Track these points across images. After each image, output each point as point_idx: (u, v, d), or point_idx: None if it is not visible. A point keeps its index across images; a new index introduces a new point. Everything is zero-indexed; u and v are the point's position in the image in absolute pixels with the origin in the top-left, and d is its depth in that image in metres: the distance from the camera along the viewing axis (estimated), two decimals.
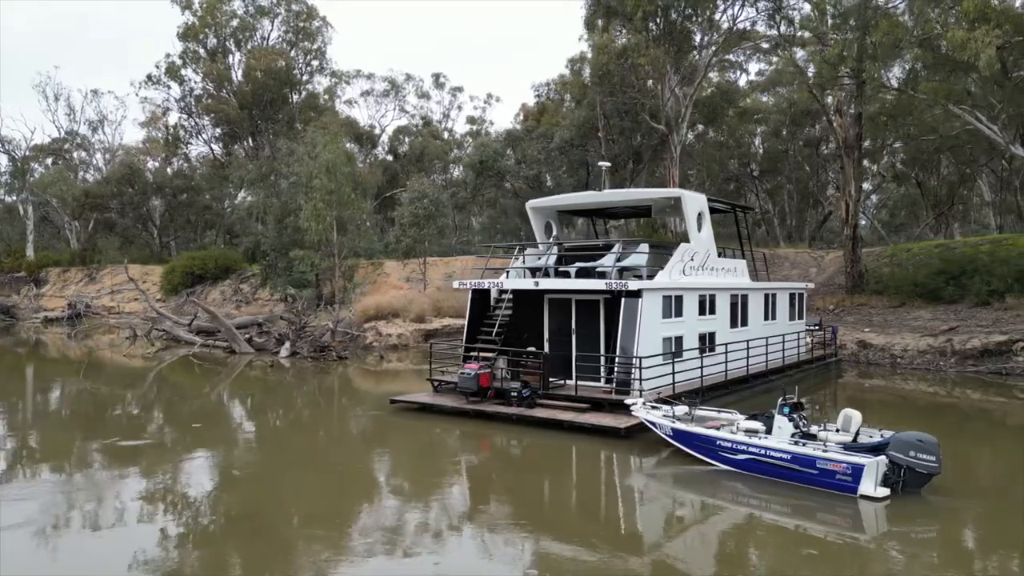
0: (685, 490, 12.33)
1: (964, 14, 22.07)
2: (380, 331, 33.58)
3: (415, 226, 37.47)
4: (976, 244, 35.40)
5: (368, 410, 19.44)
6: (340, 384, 25.58)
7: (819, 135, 52.37)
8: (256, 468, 14.15)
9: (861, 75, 28.15)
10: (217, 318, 33.14)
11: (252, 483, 13.07)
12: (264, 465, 14.39)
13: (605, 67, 32.72)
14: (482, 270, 20.67)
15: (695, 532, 10.54)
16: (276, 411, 20.48)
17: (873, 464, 10.83)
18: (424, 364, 30.06)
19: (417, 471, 13.94)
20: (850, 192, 34.08)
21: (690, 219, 18.53)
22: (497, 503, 11.97)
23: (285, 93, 55.68)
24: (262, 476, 13.51)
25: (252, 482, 13.14)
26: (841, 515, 10.82)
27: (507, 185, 46.04)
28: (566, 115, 43.50)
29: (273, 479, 13.24)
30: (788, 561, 9.38)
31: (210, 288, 54.86)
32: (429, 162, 64.59)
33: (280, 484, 12.91)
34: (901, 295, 32.13)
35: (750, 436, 12.42)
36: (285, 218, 41.97)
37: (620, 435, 14.77)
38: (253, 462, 14.69)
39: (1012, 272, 29.25)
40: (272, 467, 14.22)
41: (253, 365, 29.03)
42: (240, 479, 13.41)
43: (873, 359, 27.97)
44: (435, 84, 71.82)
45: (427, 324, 34.31)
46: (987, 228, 57.99)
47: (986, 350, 25.80)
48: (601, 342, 17.53)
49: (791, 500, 11.37)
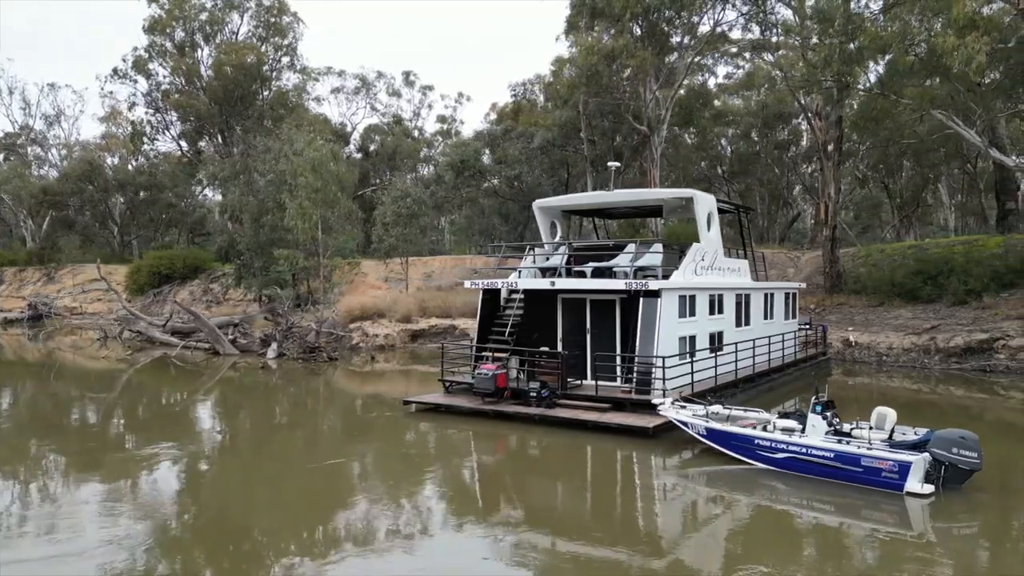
0: (723, 489, 12.36)
1: (954, 21, 22.67)
2: (366, 331, 33.15)
3: (398, 225, 37.03)
4: (948, 245, 36.48)
5: (383, 411, 19.12)
6: (342, 385, 25.19)
7: (788, 138, 53.50)
8: (298, 473, 13.80)
9: (845, 79, 28.73)
10: (199, 318, 32.31)
11: (299, 489, 12.74)
12: (310, 472, 14.05)
13: (594, 67, 32.83)
14: (494, 269, 20.41)
15: (744, 531, 10.60)
16: (292, 414, 19.99)
17: (920, 461, 11.04)
18: (413, 365, 29.97)
19: (451, 472, 13.76)
20: (829, 194, 34.80)
21: (701, 219, 18.69)
22: (539, 505, 11.87)
23: (256, 89, 54.62)
24: (308, 480, 13.18)
25: (299, 489, 12.80)
26: (888, 512, 10.98)
27: (486, 184, 45.88)
28: (547, 115, 43.52)
29: (320, 485, 12.93)
30: (843, 559, 9.50)
31: (178, 288, 53.48)
32: (401, 161, 64.03)
33: (330, 491, 12.62)
34: (880, 295, 32.89)
35: (787, 435, 12.54)
36: (262, 216, 41.13)
37: (647, 435, 14.79)
38: (288, 468, 14.32)
39: (987, 272, 30.17)
40: (319, 473, 13.89)
41: (240, 367, 28.38)
42: (279, 483, 13.06)
43: (859, 357, 28.63)
44: (405, 82, 71.26)
45: (413, 324, 34.00)
46: (945, 230, 59.91)
47: (969, 348, 26.60)
48: (617, 342, 17.55)
49: (834, 498, 11.50)
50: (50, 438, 16.83)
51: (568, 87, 33.18)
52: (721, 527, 10.78)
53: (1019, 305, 28.32)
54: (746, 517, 11.23)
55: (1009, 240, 34.03)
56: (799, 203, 59.84)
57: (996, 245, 33.62)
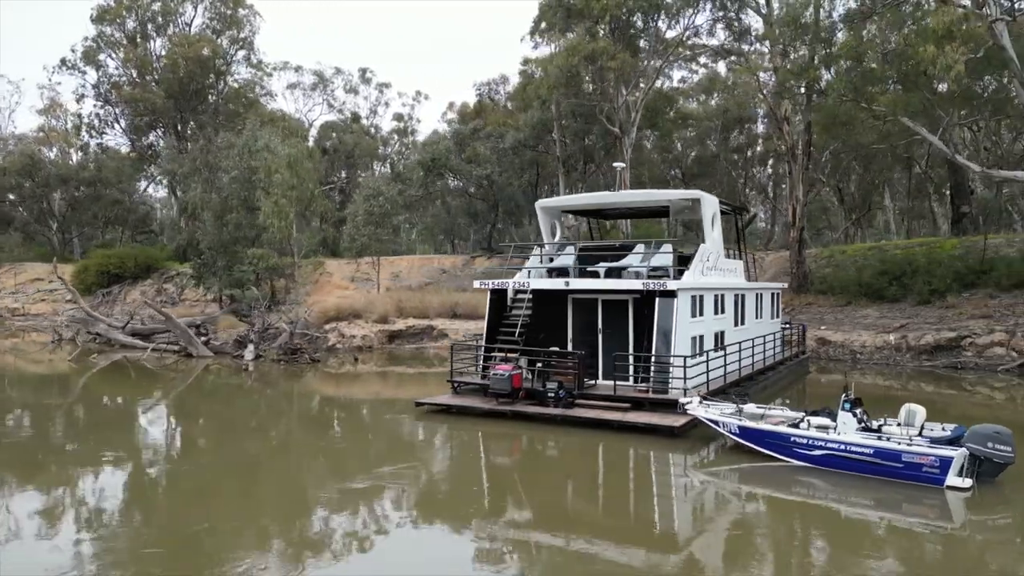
0: (760, 487, 12.57)
1: (932, 31, 23.57)
2: (343, 332, 32.55)
3: (370, 224, 36.48)
4: (908, 247, 37.99)
5: (396, 414, 18.78)
6: (338, 389, 24.74)
7: (745, 141, 54.83)
8: (341, 477, 13.44)
9: (819, 85, 29.58)
10: (171, 319, 31.17)
11: (343, 490, 12.41)
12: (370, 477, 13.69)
13: (575, 68, 32.98)
14: (503, 269, 20.24)
15: (791, 528, 10.82)
16: (308, 424, 19.42)
17: (961, 456, 11.44)
18: (392, 366, 29.58)
19: (495, 477, 13.63)
20: (797, 196, 35.80)
21: (706, 220, 18.98)
22: (583, 505, 11.89)
23: (211, 83, 53.07)
24: (358, 482, 12.85)
25: (343, 489, 12.47)
26: (929, 506, 11.34)
27: (456, 183, 45.55)
28: (517, 116, 43.51)
29: (383, 488, 12.63)
30: (894, 552, 9.79)
31: (129, 288, 51.49)
32: (360, 159, 63.10)
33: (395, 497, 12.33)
34: (847, 295, 33.99)
35: (823, 432, 12.84)
36: (226, 214, 39.98)
37: (673, 434, 14.93)
38: (328, 473, 13.94)
39: (949, 273, 31.51)
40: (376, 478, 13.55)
41: (218, 369, 27.51)
42: (317, 487, 12.70)
43: (834, 355, 29.56)
44: (362, 79, 70.23)
45: (391, 325, 33.55)
46: (888, 233, 62.28)
47: (938, 346, 27.76)
48: (630, 342, 17.67)
49: (874, 493, 11.80)
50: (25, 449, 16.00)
51: (548, 87, 33.22)
52: (767, 524, 11.01)
53: (981, 304, 29.67)
54: (792, 513, 11.46)
55: (964, 242, 35.66)
56: (756, 205, 61.34)
57: (952, 247, 35.18)
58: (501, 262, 45.06)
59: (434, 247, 57.46)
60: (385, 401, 22.31)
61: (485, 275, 44.78)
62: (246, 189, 38.88)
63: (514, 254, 22.11)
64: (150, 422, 19.26)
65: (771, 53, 34.64)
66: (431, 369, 28.98)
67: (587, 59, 32.52)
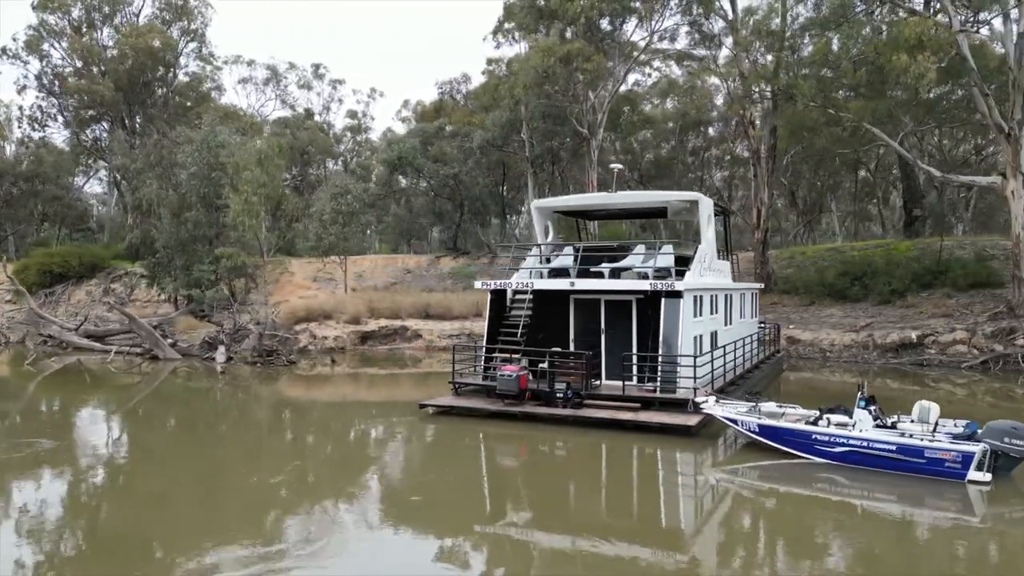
0: (781, 484, 12.76)
1: (904, 40, 24.49)
2: (314, 333, 31.86)
3: (337, 223, 35.80)
4: (864, 249, 39.38)
5: (401, 416, 18.42)
6: (331, 392, 24.28)
7: (703, 144, 55.96)
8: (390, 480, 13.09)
9: (788, 90, 30.39)
10: (135, 321, 29.95)
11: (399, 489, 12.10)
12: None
13: (552, 69, 33.03)
14: (507, 269, 20.09)
15: (819, 523, 11.03)
16: (310, 425, 18.90)
17: (982, 451, 11.88)
18: (369, 367, 29.10)
19: (508, 476, 13.52)
20: (762, 199, 36.71)
21: (703, 221, 19.26)
22: (615, 507, 11.92)
23: (162, 75, 51.24)
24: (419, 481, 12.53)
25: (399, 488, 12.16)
26: (951, 500, 11.74)
27: (422, 183, 45.05)
28: (484, 115, 43.32)
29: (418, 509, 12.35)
30: (920, 545, 10.23)
31: (74, 288, 49.29)
32: (314, 156, 61.91)
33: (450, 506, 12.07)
34: (811, 294, 35.03)
35: (842, 429, 13.17)
36: (184, 212, 38.65)
37: (688, 433, 15.10)
38: (350, 478, 13.56)
39: (907, 274, 32.82)
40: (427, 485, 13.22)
41: (189, 372, 26.58)
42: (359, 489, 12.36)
43: (804, 354, 30.39)
44: (314, 75, 68.96)
45: (363, 326, 32.99)
46: (834, 235, 64.41)
47: (903, 344, 28.84)
48: (633, 342, 17.79)
49: (896, 488, 12.13)
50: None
51: (524, 87, 33.19)
52: (797, 519, 11.24)
53: (940, 304, 30.98)
54: (820, 509, 11.69)
55: (918, 244, 37.17)
56: None
57: (907, 249, 36.64)
58: (468, 262, 45.00)
59: (393, 247, 56.78)
60: (381, 404, 22.00)
61: (453, 274, 44.88)
62: (206, 186, 37.68)
63: (514, 254, 21.96)
64: (144, 430, 18.45)
65: (736, 59, 35.42)
66: (411, 370, 28.67)
67: (562, 60, 32.64)
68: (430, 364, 29.60)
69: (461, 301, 34.74)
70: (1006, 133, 27.71)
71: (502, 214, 47.04)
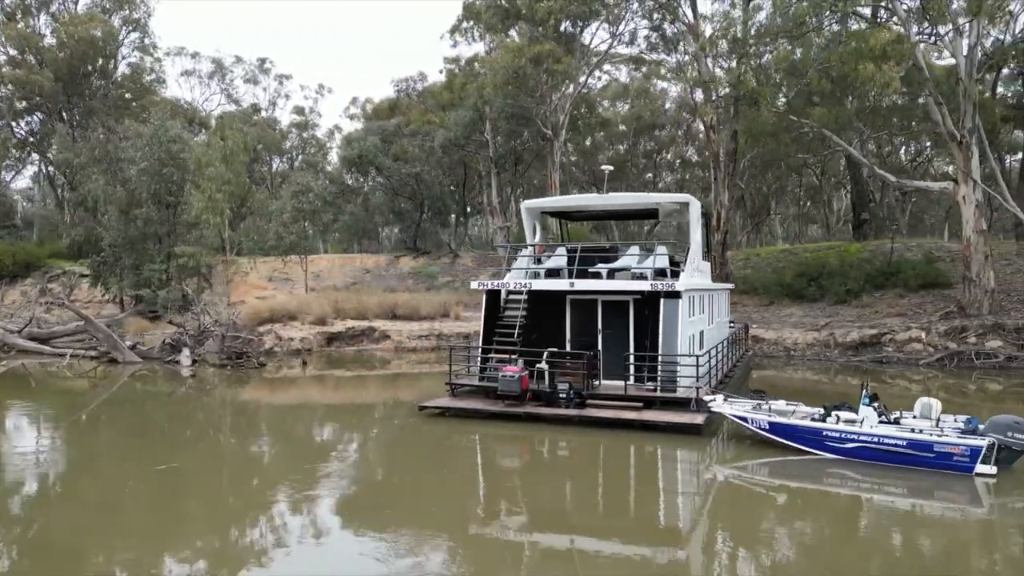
0: (794, 480, 13.04)
1: (870, 50, 25.45)
2: (279, 335, 31.03)
3: (298, 222, 34.97)
4: (816, 250, 40.78)
5: (402, 418, 18.11)
6: (316, 393, 23.60)
7: (656, 147, 56.95)
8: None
9: (752, 96, 31.19)
10: (91, 322, 28.55)
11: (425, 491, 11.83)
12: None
13: (523, 69, 32.99)
14: (502, 270, 19.92)
15: (836, 517, 11.39)
16: (313, 430, 18.35)
17: (989, 445, 12.42)
18: (343, 369, 28.51)
19: (521, 477, 13.45)
20: (722, 201, 37.58)
21: (693, 223, 19.58)
22: (637, 505, 12.03)
23: (102, 66, 49.07)
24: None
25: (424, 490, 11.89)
26: (959, 492, 12.25)
27: (381, 181, 44.33)
28: (441, 113, 42.99)
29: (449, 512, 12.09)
30: (932, 534, 10.69)
31: (7, 288, 46.77)
32: (261, 153, 60.33)
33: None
34: (769, 295, 36.05)
35: (850, 425, 13.59)
36: (133, 209, 37.14)
37: (697, 431, 15.32)
38: (373, 482, 13.22)
39: (861, 275, 34.13)
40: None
41: (154, 377, 25.49)
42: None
43: (768, 352, 31.21)
44: (260, 69, 67.20)
45: (329, 327, 32.31)
46: (775, 238, 66.52)
47: (863, 342, 29.94)
48: (630, 342, 17.94)
49: (905, 482, 12.57)
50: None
51: (495, 86, 33.06)
52: (810, 513, 11.57)
53: (894, 304, 32.33)
54: (837, 502, 12.07)
55: (868, 246, 38.72)
56: None
57: (858, 251, 38.13)
58: (429, 262, 44.60)
59: (344, 247, 55.77)
60: (373, 406, 21.62)
61: (414, 274, 44.38)
62: (157, 182, 36.31)
63: (509, 255, 21.85)
64: (128, 437, 17.61)
65: (698, 64, 36.16)
66: (384, 371, 28.26)
67: (533, 61, 32.67)
68: (399, 365, 29.25)
69: (428, 302, 34.42)
70: (958, 141, 29.09)
71: (463, 214, 46.76)
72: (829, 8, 25.08)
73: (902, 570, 9.32)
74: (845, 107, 28.46)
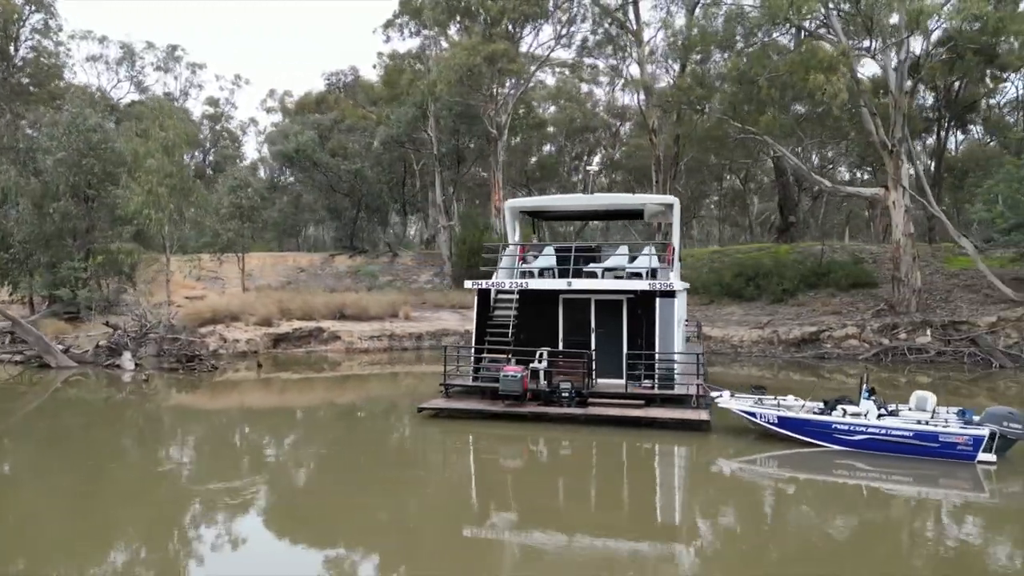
0: (803, 472, 13.58)
1: (818, 62, 26.74)
2: (224, 336, 29.55)
3: (236, 218, 33.41)
4: (748, 252, 42.45)
5: (399, 421, 17.56)
6: (295, 397, 22.56)
7: (587, 149, 57.83)
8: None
9: (699, 103, 32.21)
10: (20, 325, 26.24)
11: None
12: None
13: (479, 68, 32.67)
14: (497, 268, 19.64)
15: (846, 504, 11.91)
16: (315, 436, 17.42)
17: (991, 434, 13.26)
18: (297, 372, 27.40)
19: (538, 476, 13.36)
20: None
21: (676, 223, 19.98)
22: (659, 500, 12.20)
23: (3, 48, 45.33)
24: None
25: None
26: (963, 479, 13.03)
27: (321, 178, 42.77)
28: (385, 111, 42.03)
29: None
30: (941, 519, 11.43)
31: None
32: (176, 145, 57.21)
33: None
34: (709, 294, 37.26)
35: (857, 418, 14.22)
36: (49, 202, 34.46)
37: (704, 427, 15.67)
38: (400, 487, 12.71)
39: (796, 275, 35.81)
40: None
41: (95, 384, 23.70)
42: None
43: (716, 350, 32.23)
44: (170, 56, 63.71)
45: (275, 328, 31.04)
46: (706, 240, 68.92)
47: (803, 339, 31.40)
48: (624, 341, 18.11)
49: (910, 471, 13.28)
50: None
51: (448, 84, 32.56)
52: (823, 502, 12.06)
53: (827, 302, 34.05)
54: (850, 492, 12.62)
55: (796, 248, 40.66)
56: None
57: (787, 252, 39.99)
58: (367, 260, 43.52)
59: (272, 246, 53.63)
60: (365, 406, 20.93)
61: (352, 273, 43.14)
62: (76, 174, 33.85)
63: (498, 254, 21.57)
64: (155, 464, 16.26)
65: (640, 69, 36.99)
66: (340, 372, 27.40)
67: (488, 59, 32.46)
68: (351, 367, 28.45)
69: (377, 302, 33.66)
70: (889, 149, 30.98)
71: (402, 212, 45.85)
72: (784, 18, 26.15)
73: (920, 553, 9.98)
74: (789, 115, 29.77)
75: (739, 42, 30.64)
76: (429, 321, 33.97)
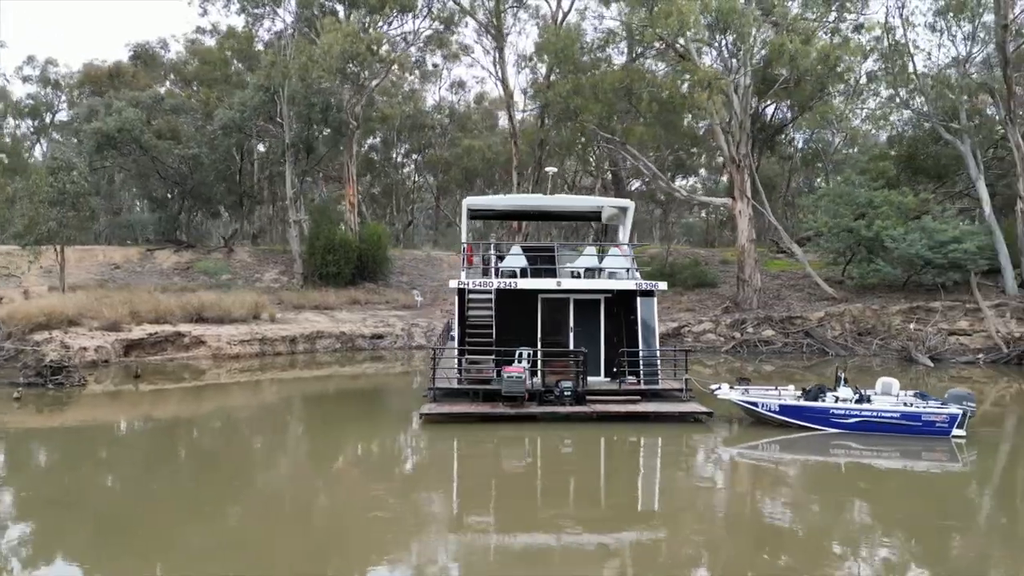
0: (804, 453, 14.82)
1: (698, 82, 29.07)
2: (67, 344, 24.95)
3: (59, 205, 28.44)
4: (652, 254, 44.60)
5: (397, 426, 16.01)
6: (251, 408, 19.18)
7: (419, 145, 57.07)
8: None
9: (580, 112, 33.43)
10: None
11: None
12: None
13: (362, 56, 30.52)
14: (480, 268, 18.58)
15: (846, 478, 13.45)
16: (314, 450, 15.00)
17: (963, 412, 15.39)
18: (180, 383, 23.84)
19: (576, 477, 13.23)
20: None
21: (628, 225, 20.58)
22: (688, 488, 12.81)
23: None
24: None
25: None
26: (941, 452, 15.06)
27: (147, 163, 36.97)
28: (231, 92, 37.83)
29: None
30: (926, 487, 13.27)
31: None
32: None
33: None
34: None
35: (849, 403, 15.79)
36: None
37: (704, 419, 16.40)
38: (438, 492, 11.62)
39: (646, 276, 38.37)
40: None
41: None
42: None
43: None
44: None
45: (127, 333, 26.84)
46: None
47: (667, 333, 33.59)
48: (601, 340, 18.34)
49: (896, 447, 15.12)
50: None
51: (330, 71, 30.04)
52: (827, 478, 13.54)
53: (677, 301, 37.03)
54: (843, 469, 14.11)
55: (643, 251, 43.60)
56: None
57: (637, 254, 42.76)
58: (197, 256, 38.87)
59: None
60: (359, 411, 18.85)
61: (180, 271, 38.27)
62: None
63: (481, 252, 20.48)
64: None
65: (502, 73, 37.47)
66: (213, 381, 24.31)
67: (368, 48, 30.67)
68: (230, 374, 25.52)
69: (239, 302, 30.49)
70: (736, 164, 34.45)
71: (240, 204, 41.42)
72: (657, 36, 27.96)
73: (918, 511, 11.63)
74: (662, 127, 31.95)
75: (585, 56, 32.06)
76: (298, 323, 31.53)
